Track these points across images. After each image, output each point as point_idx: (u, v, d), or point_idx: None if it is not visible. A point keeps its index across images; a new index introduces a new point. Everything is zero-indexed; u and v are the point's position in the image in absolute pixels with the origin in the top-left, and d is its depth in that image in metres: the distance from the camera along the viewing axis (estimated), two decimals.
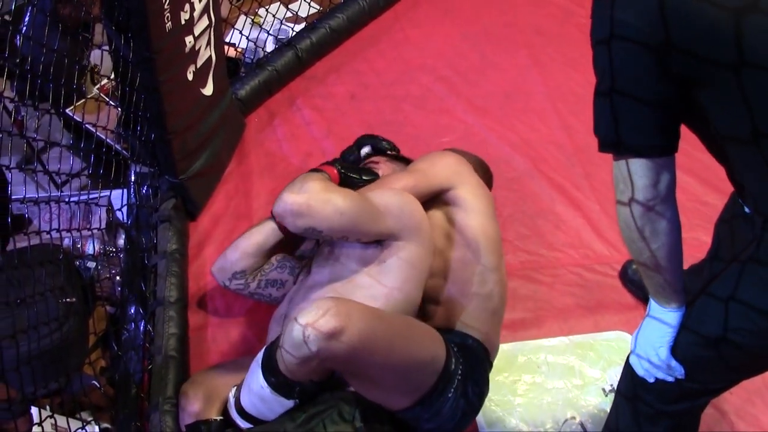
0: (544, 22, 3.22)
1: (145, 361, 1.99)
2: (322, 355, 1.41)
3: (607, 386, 1.99)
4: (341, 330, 1.39)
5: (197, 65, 2.13)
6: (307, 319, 1.40)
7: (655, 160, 1.18)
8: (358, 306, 1.51)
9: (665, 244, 1.25)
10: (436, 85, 2.93)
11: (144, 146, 2.22)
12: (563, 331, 2.14)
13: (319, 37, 2.96)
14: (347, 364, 1.49)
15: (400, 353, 1.54)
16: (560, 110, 2.81)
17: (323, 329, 1.39)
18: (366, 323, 1.46)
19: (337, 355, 1.42)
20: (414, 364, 1.58)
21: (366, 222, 1.68)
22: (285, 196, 1.65)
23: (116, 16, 1.88)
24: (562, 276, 2.27)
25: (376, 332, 1.48)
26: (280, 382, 1.50)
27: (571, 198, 2.49)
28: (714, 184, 2.44)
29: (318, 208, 1.62)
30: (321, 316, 1.40)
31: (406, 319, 1.68)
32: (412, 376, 1.59)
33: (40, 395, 1.89)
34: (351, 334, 1.41)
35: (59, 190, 2.43)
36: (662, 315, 1.35)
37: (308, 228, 1.65)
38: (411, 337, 1.59)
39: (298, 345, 1.41)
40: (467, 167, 2.00)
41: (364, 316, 1.47)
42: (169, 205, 2.28)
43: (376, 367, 1.52)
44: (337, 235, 1.68)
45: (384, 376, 1.57)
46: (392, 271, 1.71)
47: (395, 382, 1.59)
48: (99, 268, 2.19)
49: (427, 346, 1.62)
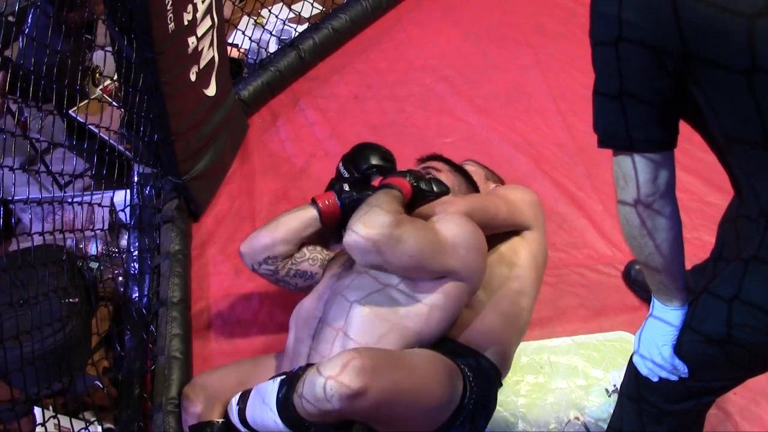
0: (547, 22, 3.22)
1: (148, 362, 1.99)
2: (344, 412, 1.39)
3: (611, 387, 1.99)
4: (365, 390, 1.36)
5: (200, 66, 2.13)
6: (330, 374, 1.37)
7: (654, 156, 1.19)
8: (383, 359, 1.48)
9: (665, 241, 1.25)
10: (438, 85, 2.93)
11: (147, 147, 2.22)
12: (566, 331, 2.13)
13: (321, 37, 2.96)
14: (368, 418, 1.48)
15: (421, 401, 1.53)
16: (563, 110, 2.81)
17: (347, 390, 1.35)
18: (390, 380, 1.43)
19: (358, 412, 1.41)
20: (433, 408, 1.58)
21: (432, 263, 1.65)
22: (357, 228, 1.58)
23: (119, 17, 1.89)
24: (566, 276, 2.27)
25: (400, 386, 1.46)
26: (292, 421, 1.46)
27: (574, 198, 2.49)
28: (717, 184, 2.43)
29: (388, 249, 1.58)
30: (346, 374, 1.36)
31: (430, 360, 1.64)
32: (429, 417, 1.59)
33: (44, 395, 1.89)
34: (375, 393, 1.38)
35: (62, 190, 2.43)
36: (665, 314, 1.35)
37: (376, 263, 1.62)
38: (433, 383, 1.58)
39: (319, 400, 1.37)
40: (542, 210, 2.06)
41: (388, 370, 1.45)
42: (172, 206, 2.29)
43: (397, 417, 1.51)
44: (402, 272, 1.66)
45: (404, 422, 1.55)
46: (439, 299, 1.69)
47: (414, 425, 1.58)
48: (102, 268, 2.20)
49: (448, 387, 1.61)
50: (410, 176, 1.79)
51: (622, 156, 1.21)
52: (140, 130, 2.15)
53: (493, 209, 1.91)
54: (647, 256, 1.28)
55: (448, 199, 1.83)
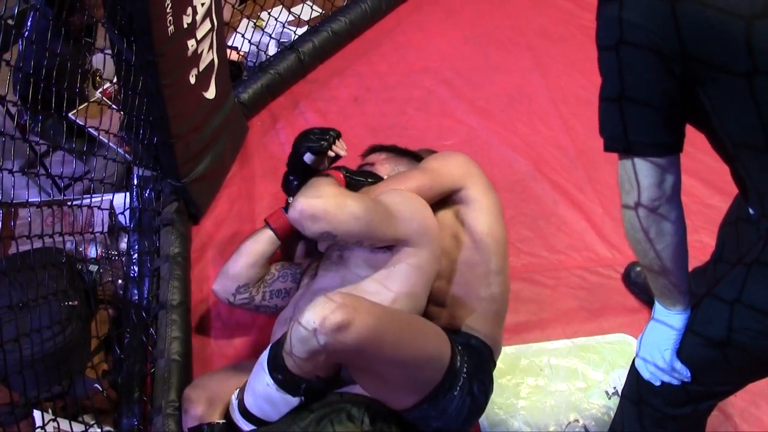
0: (548, 25, 3.22)
1: (148, 365, 1.99)
2: (329, 349, 1.41)
3: (611, 389, 1.99)
4: (349, 322, 1.39)
5: (200, 69, 2.13)
6: (314, 312, 1.40)
7: (659, 159, 1.18)
8: (364, 300, 1.51)
9: (670, 245, 1.25)
10: (438, 87, 2.93)
11: (146, 150, 2.22)
12: (566, 333, 2.13)
13: (321, 40, 2.96)
14: (355, 357, 1.49)
15: (408, 346, 1.54)
16: (563, 113, 2.81)
17: (331, 322, 1.38)
18: (373, 316, 1.46)
19: (345, 348, 1.42)
20: (421, 358, 1.58)
21: (380, 227, 1.67)
22: (300, 200, 1.62)
23: (119, 20, 1.89)
24: (565, 279, 2.27)
25: (384, 325, 1.48)
26: (286, 379, 1.50)
27: (574, 200, 2.49)
28: (719, 186, 2.43)
29: (334, 212, 1.61)
30: (329, 310, 1.39)
31: (412, 315, 1.69)
32: (419, 371, 1.59)
33: (43, 398, 1.89)
34: (359, 327, 1.40)
35: (62, 193, 2.43)
36: (667, 318, 1.35)
37: (324, 232, 1.63)
38: (417, 332, 1.60)
39: (305, 339, 1.40)
40: (477, 167, 1.99)
41: (371, 309, 1.48)
42: (172, 209, 2.28)
43: (384, 360, 1.52)
44: (351, 239, 1.68)
45: (392, 370, 1.56)
46: (400, 276, 1.71)
47: (403, 377, 1.58)
48: (101, 271, 2.19)
49: (433, 340, 1.63)
50: (343, 169, 1.89)
51: (628, 160, 1.21)
52: (140, 133, 2.15)
53: (419, 180, 1.87)
54: (651, 260, 1.28)
55: (381, 183, 1.90)
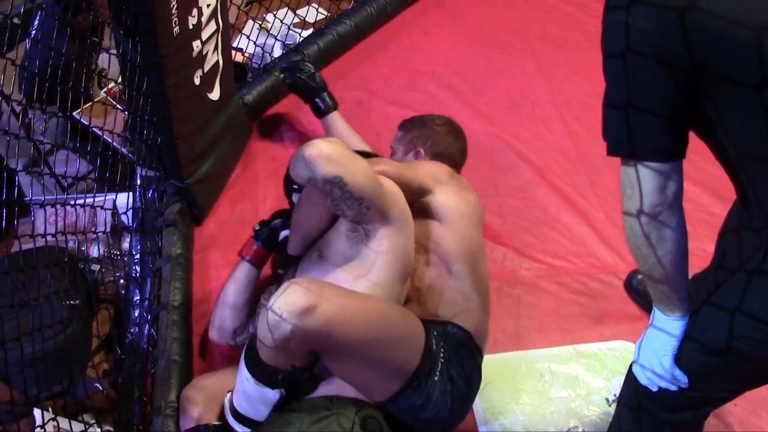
0: (551, 30, 3.22)
1: (148, 365, 1.99)
2: (298, 333, 1.41)
3: (611, 396, 1.99)
4: (314, 305, 1.40)
5: (204, 70, 2.14)
6: (281, 299, 1.41)
7: (662, 165, 1.18)
8: (330, 285, 1.53)
9: (671, 252, 1.25)
10: (442, 91, 2.93)
11: (150, 150, 2.22)
12: (567, 340, 2.13)
13: (326, 42, 2.96)
14: (325, 341, 1.48)
15: (378, 326, 1.55)
16: (566, 118, 2.81)
17: (296, 306, 1.39)
18: (338, 297, 1.47)
19: (313, 330, 1.42)
20: (394, 338, 1.59)
21: (382, 192, 1.67)
22: (317, 142, 1.59)
23: (124, 20, 1.89)
24: (567, 284, 2.27)
25: (351, 306, 1.49)
26: (263, 372, 1.51)
27: (576, 206, 2.49)
28: (721, 194, 2.43)
29: (349, 161, 1.60)
30: (294, 295, 1.40)
31: (380, 299, 1.67)
32: (395, 352, 1.59)
33: (44, 397, 1.89)
34: (324, 308, 1.41)
35: (65, 192, 2.43)
36: (666, 324, 1.35)
37: (335, 176, 1.57)
38: (386, 312, 1.60)
39: (273, 326, 1.41)
40: (447, 172, 2.00)
41: (336, 291, 1.50)
42: (175, 209, 2.29)
43: (356, 343, 1.51)
44: (355, 194, 1.61)
45: (366, 354, 1.55)
46: (379, 267, 1.69)
47: (379, 359, 1.57)
48: (103, 271, 2.20)
49: (404, 321, 1.64)
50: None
51: (630, 165, 1.21)
52: (144, 133, 2.15)
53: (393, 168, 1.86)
54: (651, 267, 1.28)
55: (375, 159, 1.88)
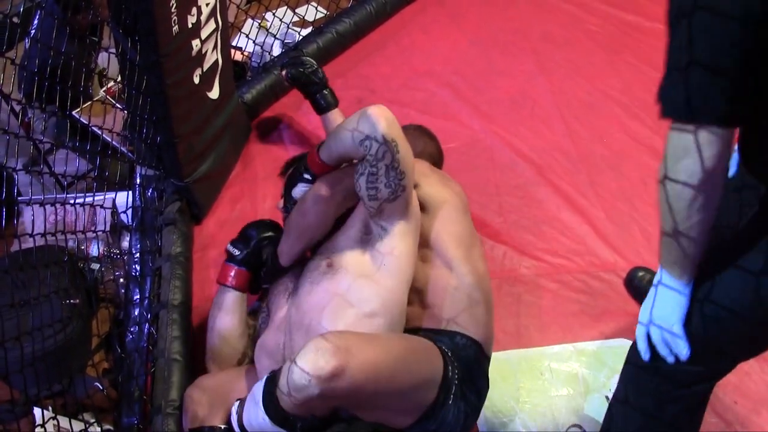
0: (552, 29, 3.22)
1: (149, 364, 1.99)
2: (325, 395, 1.39)
3: (611, 394, 1.98)
4: (342, 369, 1.37)
5: (204, 69, 2.14)
6: (306, 361, 1.38)
7: (725, 131, 1.15)
8: (356, 338, 1.49)
9: (707, 219, 1.23)
10: (442, 90, 2.93)
11: (149, 149, 2.22)
12: (567, 338, 2.13)
13: (325, 41, 2.96)
14: (350, 399, 1.49)
15: (402, 377, 1.54)
16: (566, 117, 2.81)
17: (326, 371, 1.36)
18: (366, 356, 1.44)
19: (340, 393, 1.41)
20: (416, 384, 1.59)
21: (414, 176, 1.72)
22: (382, 105, 1.65)
23: (124, 20, 1.89)
24: (567, 283, 2.27)
25: (378, 363, 1.47)
26: (280, 417, 1.48)
27: (576, 205, 2.49)
28: None
29: (402, 132, 1.65)
30: (321, 357, 1.37)
31: (403, 338, 1.67)
32: (416, 395, 1.59)
33: (44, 396, 1.89)
34: (353, 371, 1.39)
35: (65, 191, 2.43)
36: (676, 285, 1.34)
37: (394, 140, 1.62)
38: (411, 358, 1.59)
39: (300, 388, 1.39)
40: (428, 166, 2.00)
41: (363, 348, 1.46)
42: (174, 208, 2.28)
43: (380, 395, 1.52)
44: (402, 165, 1.64)
45: (388, 401, 1.56)
46: (392, 267, 1.69)
47: (399, 404, 1.58)
48: (103, 270, 2.20)
49: (427, 362, 1.62)
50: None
51: (687, 131, 1.16)
52: (143, 132, 2.15)
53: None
54: (685, 229, 1.25)
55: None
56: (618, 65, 3.03)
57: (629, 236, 2.39)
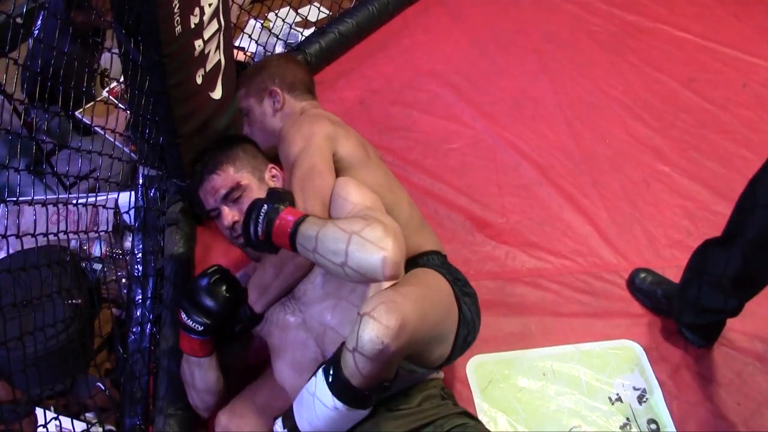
0: (554, 29, 3.22)
1: (151, 364, 1.99)
2: (400, 349, 1.39)
3: (613, 395, 1.98)
4: (403, 318, 1.38)
5: (206, 69, 2.13)
6: (371, 329, 1.37)
7: None
8: (392, 293, 1.46)
9: None
10: (444, 91, 2.93)
11: (152, 149, 2.22)
12: (569, 338, 2.12)
13: (328, 41, 2.97)
14: (418, 342, 1.50)
15: (436, 303, 1.63)
16: (569, 117, 2.81)
17: (393, 329, 1.37)
18: (407, 299, 1.45)
19: (410, 340, 1.42)
20: (446, 302, 1.70)
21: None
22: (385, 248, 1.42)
23: (126, 20, 1.89)
24: (570, 283, 2.26)
25: (417, 300, 1.49)
26: (356, 397, 1.45)
27: (579, 205, 2.49)
28: (724, 193, 2.43)
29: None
30: (383, 319, 1.37)
31: (411, 275, 1.69)
32: (449, 312, 1.70)
33: (46, 396, 1.90)
34: (409, 316, 1.40)
35: (67, 191, 2.44)
36: None
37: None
38: (431, 283, 1.68)
39: (376, 355, 1.37)
40: (329, 122, 1.90)
41: (401, 297, 1.45)
42: (177, 209, 2.29)
43: (436, 326, 1.61)
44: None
45: (440, 328, 1.65)
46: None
47: (445, 326, 1.68)
48: (105, 270, 2.20)
49: (439, 281, 1.72)
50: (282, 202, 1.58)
51: None
52: (146, 133, 2.15)
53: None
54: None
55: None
56: (620, 66, 3.02)
57: (632, 237, 2.39)
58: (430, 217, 2.37)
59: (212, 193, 1.81)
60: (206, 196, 1.83)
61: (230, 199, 1.79)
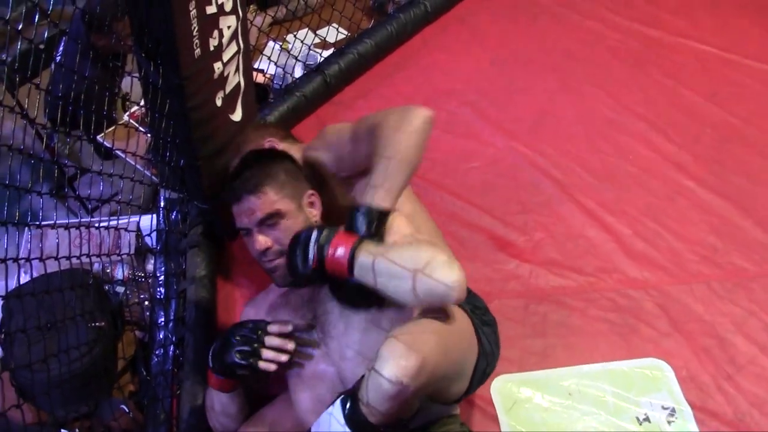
0: (574, 46, 3.20)
1: (174, 386, 1.98)
2: (418, 389, 1.38)
3: (641, 415, 1.95)
4: (423, 359, 1.36)
5: (226, 91, 2.15)
6: (391, 368, 1.35)
7: None
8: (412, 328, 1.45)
9: None
10: (464, 109, 2.92)
11: (173, 172, 2.23)
12: (595, 357, 2.09)
13: (347, 62, 2.97)
14: (436, 381, 1.48)
15: (456, 339, 1.57)
16: (590, 134, 2.79)
17: (411, 369, 1.35)
18: (428, 337, 1.43)
19: (428, 381, 1.40)
20: (465, 336, 1.65)
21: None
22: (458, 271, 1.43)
23: (146, 43, 1.91)
24: (595, 301, 2.23)
25: (439, 337, 1.46)
26: (368, 428, 1.43)
27: (602, 222, 2.46)
28: (748, 208, 2.40)
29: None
30: (402, 359, 1.35)
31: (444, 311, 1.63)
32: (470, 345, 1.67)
33: (70, 418, 1.90)
34: (429, 356, 1.38)
35: (90, 215, 2.45)
36: None
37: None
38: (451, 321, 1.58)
39: (393, 395, 1.36)
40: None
41: (421, 334, 1.44)
42: (198, 231, 2.29)
43: (454, 364, 1.57)
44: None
45: (460, 366, 1.63)
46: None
47: (464, 362, 1.64)
48: (128, 292, 2.20)
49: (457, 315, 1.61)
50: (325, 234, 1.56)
51: None
52: (166, 155, 2.16)
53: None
54: None
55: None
56: (642, 81, 3.00)
57: (657, 253, 2.35)
58: (451, 236, 2.35)
59: (248, 214, 1.76)
60: (241, 215, 1.79)
61: (265, 224, 1.76)
